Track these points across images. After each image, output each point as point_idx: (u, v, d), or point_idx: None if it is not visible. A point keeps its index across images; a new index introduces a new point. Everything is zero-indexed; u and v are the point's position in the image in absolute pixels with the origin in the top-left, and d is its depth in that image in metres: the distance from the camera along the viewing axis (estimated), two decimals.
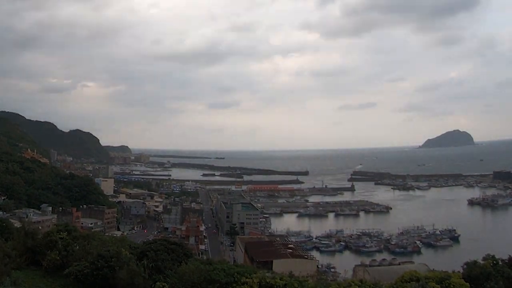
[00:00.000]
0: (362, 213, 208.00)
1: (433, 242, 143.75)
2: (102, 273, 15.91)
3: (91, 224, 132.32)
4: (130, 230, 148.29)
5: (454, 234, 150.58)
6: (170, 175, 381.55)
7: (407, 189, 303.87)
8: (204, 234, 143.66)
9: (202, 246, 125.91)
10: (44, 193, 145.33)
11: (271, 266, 61.95)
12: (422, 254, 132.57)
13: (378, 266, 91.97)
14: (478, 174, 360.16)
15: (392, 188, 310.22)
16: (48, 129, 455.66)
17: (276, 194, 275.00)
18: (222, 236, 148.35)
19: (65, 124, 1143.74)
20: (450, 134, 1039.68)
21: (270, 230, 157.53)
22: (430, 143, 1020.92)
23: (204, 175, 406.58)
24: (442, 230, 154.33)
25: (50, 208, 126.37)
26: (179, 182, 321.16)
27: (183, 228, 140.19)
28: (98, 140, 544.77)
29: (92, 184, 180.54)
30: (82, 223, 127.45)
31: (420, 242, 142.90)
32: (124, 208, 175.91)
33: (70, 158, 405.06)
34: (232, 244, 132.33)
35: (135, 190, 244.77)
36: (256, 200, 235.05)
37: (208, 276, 14.75)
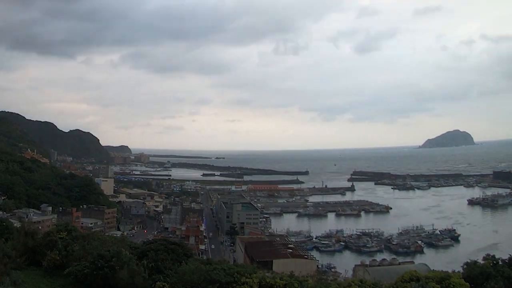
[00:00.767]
0: (362, 213, 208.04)
1: (434, 242, 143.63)
2: (102, 273, 15.88)
3: (91, 224, 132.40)
4: (130, 230, 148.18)
5: (454, 234, 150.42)
6: (170, 175, 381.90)
7: (407, 189, 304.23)
8: (204, 234, 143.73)
9: (202, 246, 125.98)
10: (44, 193, 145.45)
11: (271, 266, 61.95)
12: (425, 254, 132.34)
13: (378, 266, 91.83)
14: (478, 174, 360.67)
15: (392, 188, 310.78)
16: (48, 129, 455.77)
17: (276, 194, 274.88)
18: (222, 236, 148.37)
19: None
20: (450, 134, 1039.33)
21: (270, 230, 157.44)
22: (430, 143, 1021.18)
23: (204, 175, 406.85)
24: (442, 230, 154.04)
25: (50, 208, 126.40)
26: (179, 182, 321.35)
27: (183, 228, 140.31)
28: (98, 140, 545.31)
29: (92, 184, 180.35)
30: (82, 223, 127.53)
31: (421, 242, 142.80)
32: (124, 208, 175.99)
33: (70, 158, 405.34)
34: (232, 244, 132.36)
35: (135, 190, 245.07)
36: (256, 200, 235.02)
37: (208, 276, 14.73)
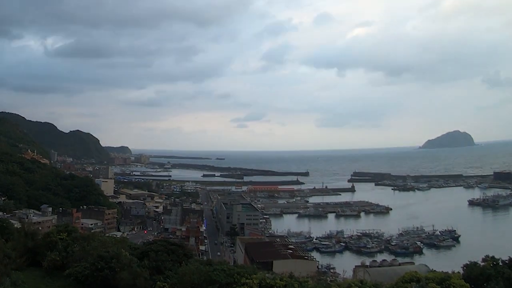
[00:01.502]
0: (362, 213, 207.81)
1: (435, 243, 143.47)
2: (103, 274, 15.86)
3: (91, 224, 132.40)
4: (130, 230, 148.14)
5: (454, 235, 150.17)
6: (170, 176, 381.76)
7: (407, 189, 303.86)
8: (204, 235, 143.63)
9: (202, 247, 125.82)
10: (44, 193, 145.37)
11: (271, 266, 61.91)
12: (424, 255, 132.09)
13: (379, 266, 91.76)
14: (479, 174, 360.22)
15: (392, 188, 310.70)
16: (48, 129, 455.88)
17: (276, 195, 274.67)
18: (222, 236, 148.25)
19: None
20: (450, 134, 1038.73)
21: (270, 231, 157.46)
22: (431, 144, 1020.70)
23: (204, 176, 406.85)
24: (442, 231, 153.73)
25: (50, 208, 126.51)
26: (179, 182, 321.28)
27: (183, 228, 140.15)
28: (98, 140, 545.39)
29: (92, 184, 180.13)
30: (82, 224, 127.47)
31: (421, 242, 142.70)
32: (124, 208, 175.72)
33: (70, 159, 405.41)
34: (232, 244, 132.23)
35: (135, 190, 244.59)
36: (256, 200, 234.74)
37: (208, 276, 14.74)
